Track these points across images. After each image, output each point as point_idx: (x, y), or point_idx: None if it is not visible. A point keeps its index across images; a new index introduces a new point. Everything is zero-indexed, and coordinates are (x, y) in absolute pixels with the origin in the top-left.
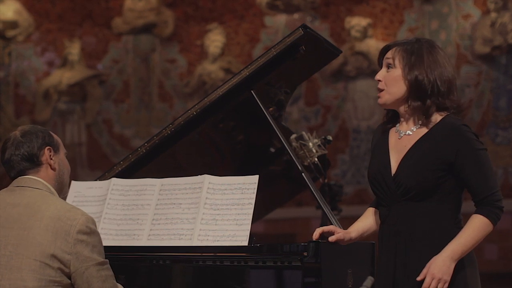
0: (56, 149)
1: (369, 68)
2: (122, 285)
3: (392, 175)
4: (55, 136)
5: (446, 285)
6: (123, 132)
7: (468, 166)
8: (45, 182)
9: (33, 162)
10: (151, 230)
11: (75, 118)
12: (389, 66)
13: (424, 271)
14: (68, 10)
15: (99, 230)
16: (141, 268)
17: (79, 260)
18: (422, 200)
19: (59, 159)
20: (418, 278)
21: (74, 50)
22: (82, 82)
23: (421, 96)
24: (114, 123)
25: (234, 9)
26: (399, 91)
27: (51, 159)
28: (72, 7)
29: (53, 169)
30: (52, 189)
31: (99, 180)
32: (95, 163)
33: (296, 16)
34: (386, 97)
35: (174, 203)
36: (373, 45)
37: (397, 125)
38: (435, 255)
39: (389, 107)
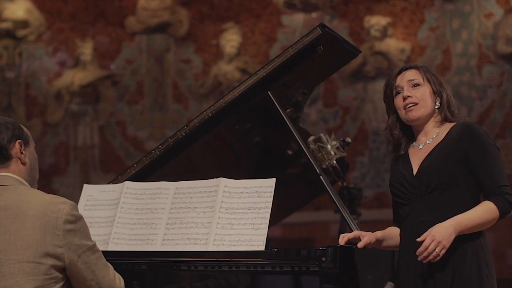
0: (26, 143)
1: (389, 69)
2: None
3: (414, 174)
4: (24, 128)
5: (444, 251)
6: (137, 134)
7: (477, 160)
8: (16, 176)
9: (2, 156)
10: (165, 234)
11: (87, 119)
12: (415, 85)
13: (426, 233)
14: (80, 9)
15: (112, 235)
16: (155, 274)
17: (71, 249)
18: (445, 191)
19: (30, 153)
20: (419, 239)
21: (86, 50)
22: (95, 83)
23: (449, 109)
24: (127, 124)
25: (251, 8)
26: (431, 105)
27: (22, 153)
28: (85, 6)
29: (23, 164)
30: (25, 182)
31: (112, 183)
32: (108, 166)
33: (314, 15)
34: (422, 110)
35: (189, 207)
36: (393, 44)
37: (413, 143)
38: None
39: (419, 122)
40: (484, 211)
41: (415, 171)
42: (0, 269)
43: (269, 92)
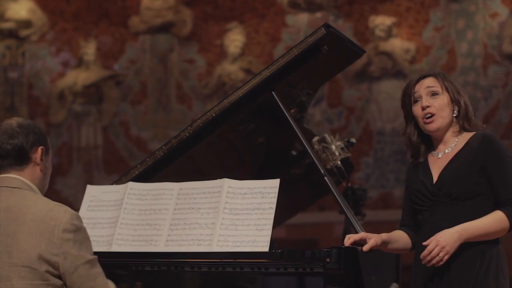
0: (47, 152)
1: (394, 69)
2: None
3: (434, 182)
4: (47, 139)
5: (447, 256)
6: (140, 135)
7: (493, 169)
8: (25, 180)
9: (22, 158)
10: (169, 235)
11: (90, 120)
12: (433, 94)
13: (431, 238)
14: (83, 8)
15: (115, 236)
16: (159, 275)
17: (67, 260)
18: (466, 201)
19: (47, 163)
20: (424, 243)
21: (89, 50)
22: (98, 83)
23: (466, 117)
24: (131, 125)
25: (255, 8)
26: (449, 115)
27: (41, 160)
28: (88, 6)
29: (40, 171)
30: (34, 187)
31: (116, 184)
32: (112, 167)
33: (318, 15)
34: (440, 121)
35: (193, 208)
36: (397, 44)
37: (432, 152)
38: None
39: (438, 132)
40: (492, 221)
41: (435, 179)
42: None
43: (273, 92)
